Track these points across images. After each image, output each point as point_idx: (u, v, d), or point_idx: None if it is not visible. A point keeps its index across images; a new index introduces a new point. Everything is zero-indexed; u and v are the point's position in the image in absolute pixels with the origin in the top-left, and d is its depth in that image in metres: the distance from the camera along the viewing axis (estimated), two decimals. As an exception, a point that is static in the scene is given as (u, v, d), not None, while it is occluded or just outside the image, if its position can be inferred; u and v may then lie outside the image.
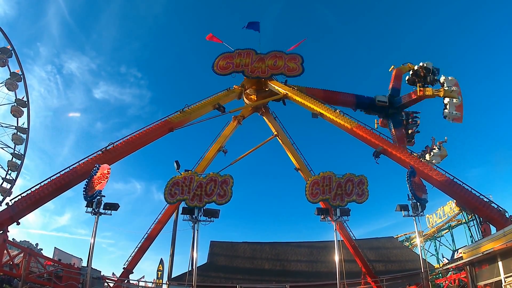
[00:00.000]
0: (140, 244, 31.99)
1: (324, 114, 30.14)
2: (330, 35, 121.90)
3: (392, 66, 35.12)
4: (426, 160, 27.47)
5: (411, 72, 33.18)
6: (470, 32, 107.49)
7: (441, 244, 60.08)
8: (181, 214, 23.11)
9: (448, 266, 27.11)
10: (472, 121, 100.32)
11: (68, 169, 24.47)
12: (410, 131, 32.50)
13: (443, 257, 55.16)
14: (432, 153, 27.95)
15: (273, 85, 33.44)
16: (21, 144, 45.61)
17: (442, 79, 31.41)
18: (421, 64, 32.47)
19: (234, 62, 32.72)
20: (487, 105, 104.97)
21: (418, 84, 31.92)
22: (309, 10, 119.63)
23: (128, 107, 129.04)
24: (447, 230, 58.01)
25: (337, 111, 29.96)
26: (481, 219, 25.41)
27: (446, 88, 30.52)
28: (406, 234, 65.02)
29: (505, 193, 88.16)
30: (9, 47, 42.85)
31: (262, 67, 32.75)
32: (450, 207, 53.04)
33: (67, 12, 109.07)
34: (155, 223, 32.84)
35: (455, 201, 33.53)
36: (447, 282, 24.99)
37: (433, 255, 60.30)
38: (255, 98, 34.58)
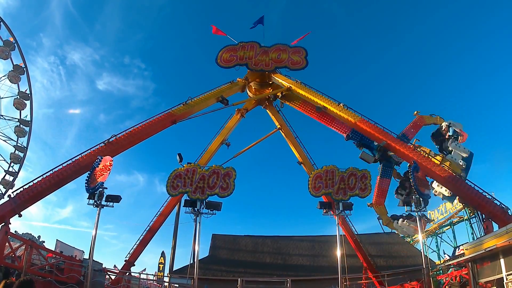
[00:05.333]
0: (142, 236, 31.95)
1: (328, 108, 30.04)
2: (336, 28, 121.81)
3: (416, 112, 31.86)
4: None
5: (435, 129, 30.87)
6: (478, 24, 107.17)
7: (442, 240, 60.13)
8: (183, 206, 23.15)
9: (450, 263, 27.07)
10: (475, 118, 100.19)
11: (70, 161, 24.44)
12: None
13: (444, 253, 55.23)
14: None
15: (276, 78, 33.34)
16: (24, 137, 45.66)
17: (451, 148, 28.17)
18: (446, 123, 29.80)
19: (237, 54, 32.63)
20: (490, 101, 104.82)
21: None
22: (314, 3, 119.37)
23: (131, 98, 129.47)
24: (448, 227, 57.98)
25: (341, 104, 29.82)
26: (484, 216, 25.30)
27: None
28: (407, 230, 64.97)
29: (507, 190, 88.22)
30: (12, 39, 42.75)
31: (266, 60, 32.63)
32: (452, 204, 52.97)
33: (70, 2, 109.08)
34: (157, 215, 32.78)
35: (457, 197, 33.40)
36: (448, 278, 24.93)
37: (434, 251, 60.37)
38: (254, 91, 34.35)
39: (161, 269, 46.04)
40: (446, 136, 29.28)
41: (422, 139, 31.60)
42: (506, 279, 17.19)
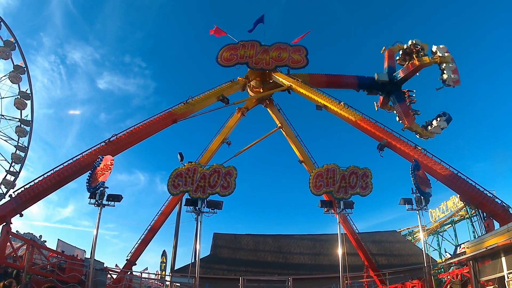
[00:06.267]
0: (143, 235, 32.06)
1: (328, 106, 29.96)
2: (336, 26, 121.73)
3: (384, 48, 34.68)
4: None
5: (401, 52, 33.60)
6: (479, 24, 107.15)
7: (443, 239, 60.22)
8: (184, 205, 23.09)
9: (451, 261, 27.04)
10: (477, 116, 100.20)
11: (71, 161, 24.43)
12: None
13: (445, 251, 55.33)
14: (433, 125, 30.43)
15: (277, 77, 33.29)
16: (25, 137, 45.67)
17: (434, 48, 31.67)
18: (410, 42, 32.62)
19: (238, 53, 32.53)
20: (492, 99, 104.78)
21: (411, 60, 32.75)
22: (315, 1, 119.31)
23: (132, 97, 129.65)
24: (449, 225, 58.10)
25: (341, 103, 29.75)
26: (485, 214, 25.27)
27: (440, 55, 30.96)
28: (408, 228, 65.27)
29: (508, 189, 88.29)
30: (12, 39, 42.73)
31: (266, 58, 32.55)
32: (453, 202, 53.09)
33: (71, 1, 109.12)
34: (158, 214, 32.89)
35: (458, 195, 33.43)
36: (449, 277, 24.92)
37: (435, 249, 60.51)
38: (261, 90, 34.51)
39: (162, 268, 46.17)
40: (414, 51, 32.56)
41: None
42: (507, 278, 17.19)
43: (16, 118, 45.11)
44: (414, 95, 33.42)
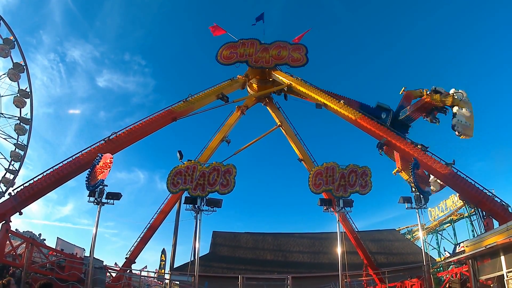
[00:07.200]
0: (142, 234, 32.01)
1: (328, 105, 29.97)
2: (337, 25, 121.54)
3: (403, 88, 31.53)
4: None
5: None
6: (479, 24, 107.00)
7: (442, 237, 60.27)
8: (183, 203, 23.06)
9: (450, 260, 27.03)
10: (476, 115, 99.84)
11: (70, 159, 24.42)
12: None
13: (444, 250, 55.37)
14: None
15: (277, 75, 33.29)
16: (24, 135, 45.70)
17: (452, 90, 28.23)
18: (432, 88, 29.24)
19: (238, 52, 32.59)
20: (492, 99, 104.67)
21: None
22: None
23: (131, 95, 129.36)
24: (449, 224, 58.14)
25: (341, 101, 29.77)
26: (484, 213, 25.26)
27: (456, 97, 27.58)
28: (408, 227, 65.29)
29: (508, 188, 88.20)
30: (11, 37, 42.69)
31: (266, 57, 32.57)
32: (452, 201, 53.12)
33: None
34: (157, 212, 32.82)
35: (458, 194, 33.39)
36: (448, 275, 24.91)
37: (434, 248, 60.51)
38: (257, 88, 34.47)
39: (162, 266, 46.16)
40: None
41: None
42: (507, 276, 17.16)
43: (16, 116, 45.13)
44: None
